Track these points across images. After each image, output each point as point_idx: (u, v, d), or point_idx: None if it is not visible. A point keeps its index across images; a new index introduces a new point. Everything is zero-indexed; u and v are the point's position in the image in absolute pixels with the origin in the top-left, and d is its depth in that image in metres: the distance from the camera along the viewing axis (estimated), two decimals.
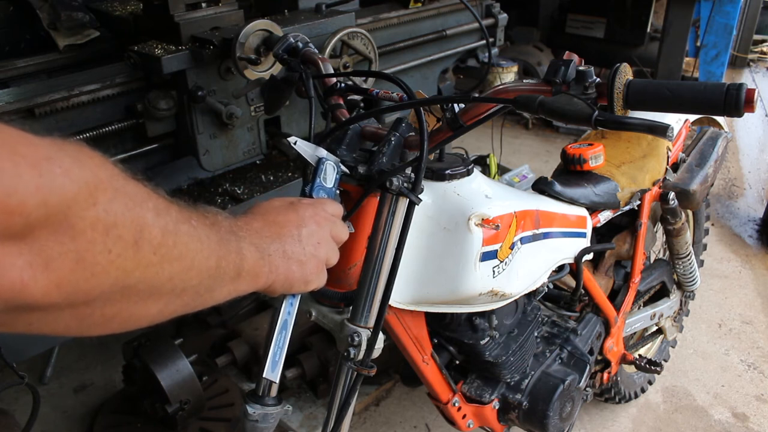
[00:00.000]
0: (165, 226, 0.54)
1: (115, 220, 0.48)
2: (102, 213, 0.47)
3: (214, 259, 0.61)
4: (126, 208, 0.49)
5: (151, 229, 0.52)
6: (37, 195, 0.42)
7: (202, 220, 0.62)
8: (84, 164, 0.46)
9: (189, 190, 1.97)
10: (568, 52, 1.04)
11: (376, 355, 1.14)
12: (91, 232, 0.46)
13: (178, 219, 0.57)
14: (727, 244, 3.25)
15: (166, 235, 0.54)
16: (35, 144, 0.44)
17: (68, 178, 0.44)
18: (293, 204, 0.81)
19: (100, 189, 0.47)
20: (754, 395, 2.32)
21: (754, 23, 5.72)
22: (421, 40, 2.45)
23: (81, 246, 0.46)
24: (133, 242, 0.50)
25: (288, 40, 1.39)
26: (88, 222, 0.46)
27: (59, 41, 2.00)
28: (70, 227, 0.44)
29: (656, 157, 1.83)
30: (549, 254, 1.47)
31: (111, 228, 0.48)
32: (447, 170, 1.25)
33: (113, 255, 0.48)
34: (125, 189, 0.50)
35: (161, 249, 0.53)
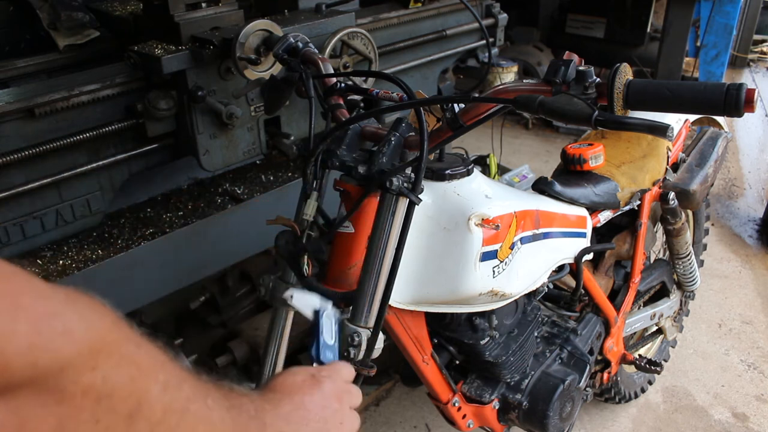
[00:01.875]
0: (170, 403, 0.49)
1: (113, 390, 0.44)
2: (99, 380, 0.43)
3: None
4: (129, 378, 0.46)
5: (152, 405, 0.47)
6: (28, 355, 0.39)
7: (221, 401, 0.56)
8: (92, 324, 0.43)
9: (189, 190, 1.97)
10: (568, 52, 1.04)
11: (376, 355, 1.14)
12: (81, 398, 0.42)
13: (190, 397, 0.52)
14: (727, 244, 3.25)
15: (168, 413, 0.49)
16: (43, 296, 0.41)
17: (68, 339, 0.41)
18: (315, 378, 0.77)
19: (104, 354, 0.44)
20: (754, 395, 2.32)
21: (754, 23, 5.72)
22: (421, 40, 2.45)
23: (66, 412, 0.42)
24: (126, 416, 0.45)
25: (288, 40, 1.39)
26: (81, 388, 0.42)
27: (59, 41, 2.00)
28: (58, 391, 0.41)
29: (656, 157, 1.83)
30: (549, 254, 1.47)
31: (105, 398, 0.44)
32: (447, 170, 1.25)
33: (101, 427, 0.44)
34: (134, 356, 0.47)
35: (159, 427, 0.48)
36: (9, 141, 1.48)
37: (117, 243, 1.67)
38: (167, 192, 1.94)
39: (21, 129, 1.50)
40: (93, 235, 1.70)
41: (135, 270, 1.65)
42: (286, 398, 0.71)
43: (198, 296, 2.37)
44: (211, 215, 1.80)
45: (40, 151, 1.51)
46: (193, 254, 1.78)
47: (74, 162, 1.61)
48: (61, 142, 1.54)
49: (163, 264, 1.70)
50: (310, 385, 0.75)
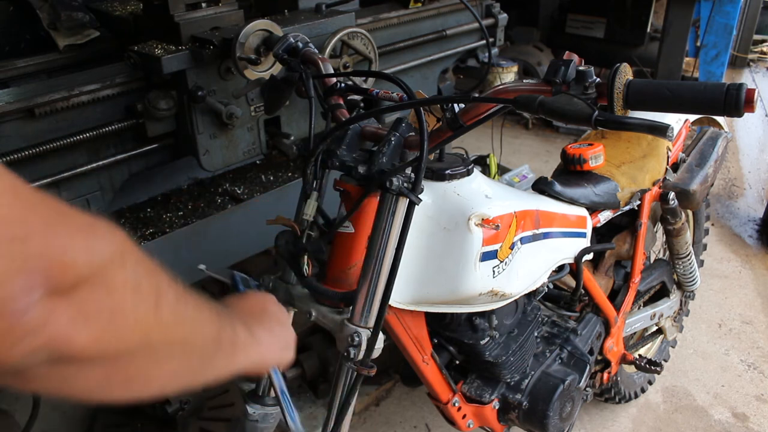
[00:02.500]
0: (177, 292, 0.60)
1: (140, 281, 0.54)
2: (130, 274, 0.52)
3: (216, 328, 0.68)
4: (147, 273, 0.55)
5: (166, 293, 0.57)
6: (85, 254, 0.48)
7: (199, 297, 0.67)
8: (115, 234, 0.52)
9: (189, 190, 1.97)
10: (568, 52, 1.04)
11: (376, 355, 1.14)
12: (123, 290, 0.51)
13: (186, 291, 0.62)
14: (727, 244, 3.25)
15: (178, 299, 0.59)
16: (81, 214, 0.50)
17: (107, 242, 0.50)
18: (245, 295, 0.98)
19: (128, 255, 0.53)
20: (754, 395, 2.32)
21: (754, 23, 5.72)
22: (421, 40, 2.45)
23: (114, 303, 0.51)
24: (154, 303, 0.55)
25: (288, 40, 1.39)
26: (120, 281, 0.51)
27: (59, 41, 2.00)
28: (106, 285, 0.50)
29: (656, 157, 1.83)
30: (549, 254, 1.47)
31: (137, 288, 0.53)
32: (447, 170, 1.25)
33: (140, 313, 0.53)
34: (145, 259, 0.57)
35: (176, 311, 0.59)
36: (9, 141, 1.48)
37: None
38: (167, 192, 1.94)
39: (21, 129, 1.50)
40: None
41: None
42: (230, 305, 0.88)
43: None
44: (211, 215, 1.80)
45: (40, 151, 1.51)
46: (193, 254, 1.78)
47: (74, 162, 1.61)
48: (61, 142, 1.54)
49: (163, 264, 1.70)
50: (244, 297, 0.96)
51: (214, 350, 0.68)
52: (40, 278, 0.44)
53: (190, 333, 0.62)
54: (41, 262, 0.44)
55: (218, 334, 0.69)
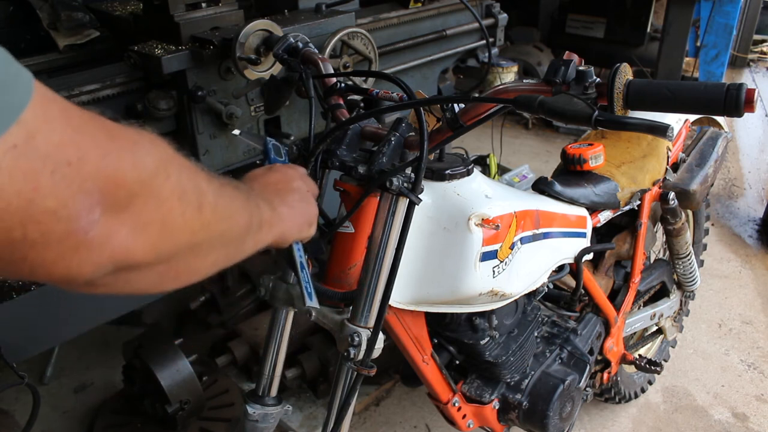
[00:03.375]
0: (215, 191, 0.64)
1: (184, 188, 0.58)
2: (175, 184, 0.56)
3: (247, 214, 0.73)
4: (188, 178, 0.59)
5: (206, 194, 0.62)
6: (134, 171, 0.51)
7: (231, 184, 0.73)
8: (158, 145, 0.56)
9: None
10: (568, 52, 1.04)
11: (376, 355, 1.14)
12: (170, 199, 0.56)
13: (220, 184, 0.67)
14: (727, 244, 3.25)
15: (216, 198, 0.64)
16: (125, 130, 0.53)
17: (151, 157, 0.53)
18: (271, 168, 0.98)
19: (171, 164, 0.56)
20: (754, 395, 2.32)
21: (754, 23, 5.72)
22: (421, 40, 2.45)
23: (165, 212, 0.55)
24: (197, 206, 0.60)
25: (288, 40, 1.39)
26: (167, 191, 0.55)
27: (59, 41, 2.00)
28: (156, 197, 0.54)
29: (656, 157, 1.83)
30: (549, 254, 1.47)
31: (182, 195, 0.57)
32: (447, 170, 1.25)
33: (186, 217, 0.58)
34: (186, 163, 0.60)
35: (216, 210, 0.63)
36: None
37: None
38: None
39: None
40: None
41: None
42: (254, 182, 0.93)
43: (198, 296, 2.37)
44: None
45: None
46: None
47: None
48: None
49: None
50: (268, 171, 0.97)
51: (246, 234, 0.74)
52: (98, 197, 0.48)
53: (227, 226, 0.67)
54: (97, 183, 0.48)
55: (249, 218, 0.74)
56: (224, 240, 0.68)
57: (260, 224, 0.78)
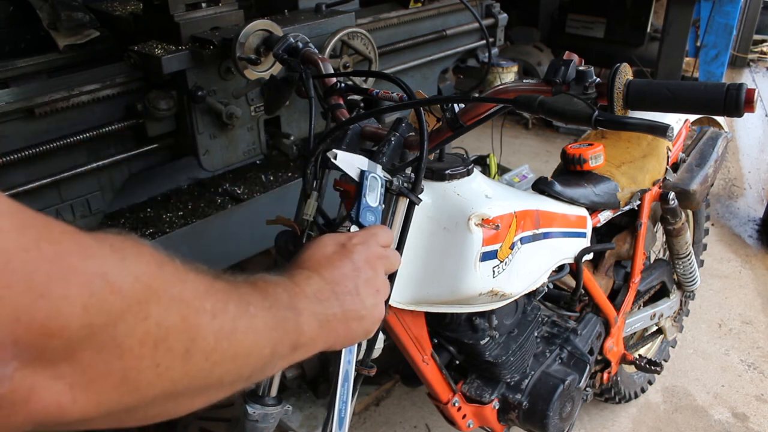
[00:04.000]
0: (221, 328, 0.51)
1: (167, 332, 0.46)
2: (153, 327, 0.44)
3: (270, 347, 0.58)
4: (180, 317, 0.47)
5: (205, 335, 0.49)
6: (84, 316, 0.40)
7: (260, 302, 0.58)
8: (139, 275, 0.44)
9: (189, 190, 1.97)
10: (568, 52, 1.04)
11: (376, 355, 1.14)
12: (140, 348, 0.44)
13: (236, 314, 0.53)
14: (727, 244, 3.25)
15: (220, 339, 0.51)
16: (90, 255, 0.42)
17: (119, 296, 0.42)
18: (345, 247, 0.75)
19: (153, 300, 0.45)
20: (754, 395, 2.32)
21: (754, 23, 5.72)
22: (421, 40, 2.45)
23: (127, 364, 0.43)
24: (183, 353, 0.47)
25: (288, 40, 1.39)
26: (137, 338, 0.44)
27: (59, 41, 2.00)
28: (116, 346, 0.42)
29: (656, 157, 1.83)
30: (549, 254, 1.47)
31: (161, 342, 0.45)
32: (447, 170, 1.25)
33: (161, 368, 0.46)
34: (182, 294, 0.48)
35: (214, 354, 0.50)
36: (9, 141, 1.48)
37: None
38: (167, 192, 1.94)
39: (21, 129, 1.50)
40: None
41: None
42: (315, 275, 0.69)
43: None
44: (211, 215, 1.80)
45: (40, 151, 1.51)
46: (193, 254, 1.78)
47: (74, 162, 1.61)
48: (61, 142, 1.54)
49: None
50: (340, 255, 0.73)
51: (264, 367, 0.59)
52: (10, 350, 0.37)
53: (232, 368, 0.53)
54: (12, 331, 0.37)
55: (273, 350, 0.59)
56: (225, 381, 0.54)
57: (295, 347, 0.62)
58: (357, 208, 0.94)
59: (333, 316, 0.68)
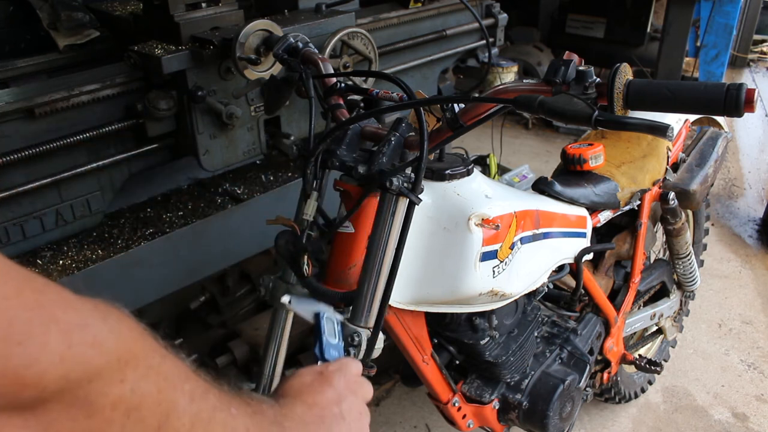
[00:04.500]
0: (198, 413, 0.49)
1: (141, 401, 0.45)
2: (128, 392, 0.43)
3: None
4: (157, 389, 0.46)
5: (180, 415, 0.48)
6: (60, 367, 0.39)
7: (244, 408, 0.57)
8: (120, 336, 0.43)
9: (189, 190, 1.97)
10: (568, 52, 1.04)
11: (376, 355, 1.14)
12: (111, 411, 0.42)
13: (216, 406, 0.52)
14: (727, 244, 3.25)
15: (196, 424, 0.49)
16: (73, 308, 0.41)
17: (98, 350, 0.41)
18: (324, 375, 0.76)
19: (131, 365, 0.44)
20: (754, 395, 2.32)
21: (754, 23, 5.72)
22: (421, 40, 2.45)
23: (95, 425, 0.42)
24: (156, 428, 0.46)
25: (288, 40, 1.39)
26: (110, 400, 0.42)
27: (59, 41, 2.00)
28: (88, 403, 0.41)
29: (656, 157, 1.83)
30: (549, 254, 1.47)
31: (134, 410, 0.44)
32: (447, 170, 1.25)
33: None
34: (160, 368, 0.47)
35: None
36: (9, 141, 1.48)
37: (117, 243, 1.67)
38: (167, 192, 1.94)
39: (21, 129, 1.50)
40: (93, 235, 1.70)
41: (135, 270, 1.65)
42: (297, 401, 0.70)
43: (198, 296, 2.37)
44: (211, 215, 1.80)
45: (40, 151, 1.51)
46: (193, 254, 1.78)
47: (74, 162, 1.61)
48: (61, 142, 1.54)
49: (163, 264, 1.70)
50: (319, 382, 0.74)
51: None
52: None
53: None
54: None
55: None
56: None
57: None
58: (320, 347, 0.98)
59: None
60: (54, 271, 1.55)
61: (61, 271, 1.55)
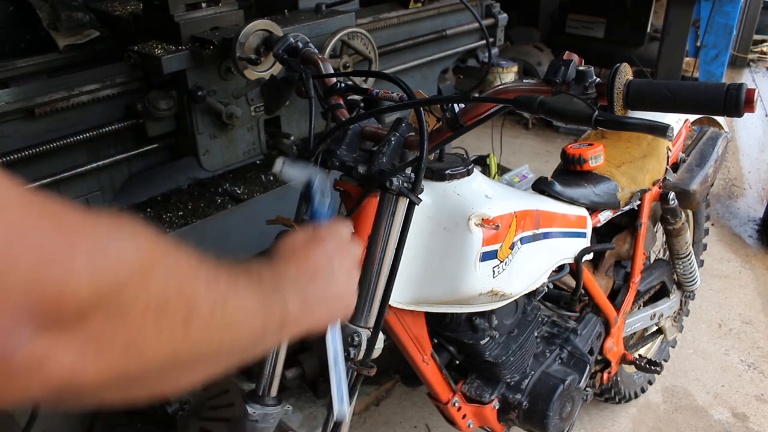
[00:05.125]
0: (215, 299, 0.54)
1: (167, 300, 0.48)
2: (154, 294, 0.47)
3: (260, 320, 0.62)
4: (177, 287, 0.50)
5: (201, 304, 0.52)
6: (92, 283, 0.42)
7: (247, 279, 0.62)
8: (140, 245, 0.47)
9: (189, 190, 1.97)
10: (568, 52, 1.04)
11: (376, 355, 1.14)
12: (143, 314, 0.46)
13: (227, 288, 0.57)
14: (727, 244, 3.25)
15: (215, 308, 0.54)
16: (94, 226, 0.44)
17: (123, 263, 0.44)
18: (314, 239, 0.80)
19: (154, 269, 0.47)
20: (754, 395, 2.32)
21: (754, 23, 5.72)
22: (421, 40, 2.45)
23: (133, 329, 0.46)
24: (183, 320, 0.50)
25: (288, 40, 1.39)
26: (141, 304, 0.46)
27: (59, 41, 2.00)
28: (122, 311, 0.44)
29: (656, 157, 1.83)
30: (549, 254, 1.47)
31: (162, 309, 0.48)
32: (447, 170, 1.25)
33: (164, 335, 0.48)
34: (178, 266, 0.51)
35: (211, 323, 0.54)
36: (9, 141, 1.48)
37: None
38: (167, 192, 1.94)
39: (21, 129, 1.50)
40: None
41: None
42: (291, 262, 0.75)
43: None
44: (211, 215, 1.80)
45: (40, 151, 1.51)
46: None
47: (74, 162, 1.61)
48: (61, 142, 1.54)
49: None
50: (312, 244, 0.79)
51: (256, 341, 0.63)
52: (26, 314, 0.39)
53: (228, 338, 0.57)
54: (28, 296, 0.39)
55: (264, 322, 0.63)
56: (222, 352, 0.58)
57: (282, 324, 0.66)
58: (310, 210, 1.00)
59: (313, 296, 0.73)
60: None
61: None
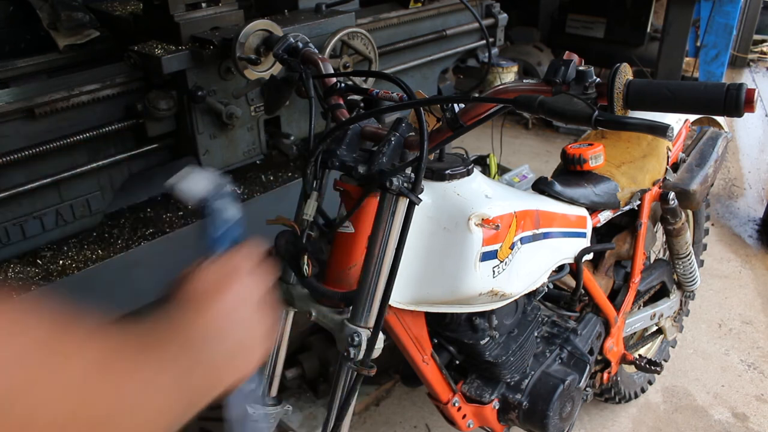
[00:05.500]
0: (108, 405, 0.48)
1: (40, 424, 0.42)
2: (19, 422, 0.41)
3: (167, 415, 0.58)
4: (55, 406, 0.43)
5: (91, 414, 0.46)
6: None
7: (147, 363, 0.55)
8: (6, 363, 0.41)
9: None
10: (568, 52, 1.04)
11: (376, 355, 1.14)
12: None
13: (122, 384, 0.50)
14: (727, 244, 3.25)
15: (110, 416, 0.48)
16: None
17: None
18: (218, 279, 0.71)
19: (21, 394, 0.41)
20: (754, 395, 2.32)
21: (754, 23, 5.72)
22: (421, 40, 2.45)
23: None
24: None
25: (288, 40, 1.39)
26: None
27: (59, 41, 2.00)
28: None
29: (656, 157, 1.83)
30: (549, 254, 1.47)
31: (25, 427, 0.42)
32: (447, 170, 1.25)
33: None
34: (56, 381, 0.44)
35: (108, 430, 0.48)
36: (9, 141, 1.48)
37: (117, 243, 1.67)
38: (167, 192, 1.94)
39: (21, 129, 1.50)
40: (93, 235, 1.70)
41: (135, 270, 1.65)
42: (199, 315, 0.66)
43: None
44: None
45: (40, 151, 1.51)
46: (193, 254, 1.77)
47: (74, 162, 1.61)
48: (61, 142, 1.54)
49: (163, 264, 1.70)
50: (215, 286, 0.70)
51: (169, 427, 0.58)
52: None
53: None
54: None
55: (171, 417, 0.58)
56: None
57: (190, 406, 0.63)
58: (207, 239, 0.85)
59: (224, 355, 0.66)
60: (54, 271, 1.55)
61: (61, 271, 1.55)
